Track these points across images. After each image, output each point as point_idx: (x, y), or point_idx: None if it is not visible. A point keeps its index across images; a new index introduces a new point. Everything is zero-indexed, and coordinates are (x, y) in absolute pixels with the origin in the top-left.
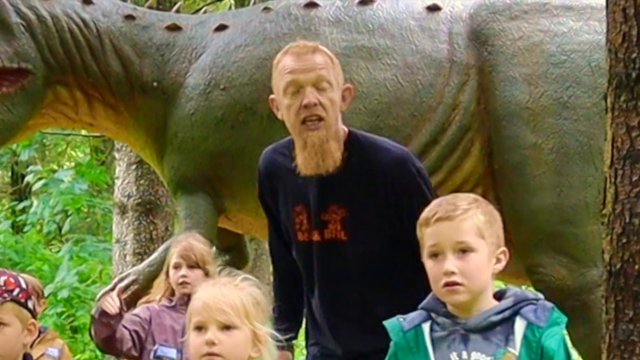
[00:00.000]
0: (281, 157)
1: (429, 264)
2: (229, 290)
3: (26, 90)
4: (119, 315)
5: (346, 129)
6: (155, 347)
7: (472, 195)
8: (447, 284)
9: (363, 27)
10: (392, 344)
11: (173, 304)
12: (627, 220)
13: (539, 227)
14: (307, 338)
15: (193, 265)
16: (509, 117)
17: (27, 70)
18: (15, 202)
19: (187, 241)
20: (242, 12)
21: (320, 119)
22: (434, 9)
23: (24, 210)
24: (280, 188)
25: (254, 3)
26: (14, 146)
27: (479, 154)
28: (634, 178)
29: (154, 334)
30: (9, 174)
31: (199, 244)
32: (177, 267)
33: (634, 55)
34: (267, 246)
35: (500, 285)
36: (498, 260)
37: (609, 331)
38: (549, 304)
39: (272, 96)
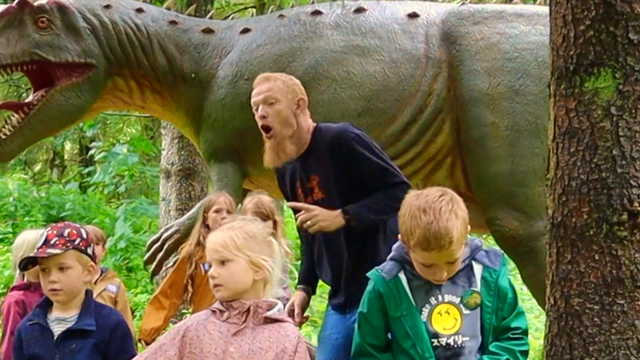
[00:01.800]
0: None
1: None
2: (221, 232)
3: (91, 80)
4: None
5: (312, 125)
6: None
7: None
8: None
9: (357, 30)
10: (371, 288)
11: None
12: (566, 183)
13: (496, 189)
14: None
15: (266, 217)
16: (473, 101)
17: (92, 65)
18: (82, 168)
19: (257, 197)
20: (262, 18)
21: (269, 129)
22: (413, 15)
23: (89, 175)
24: (285, 169)
25: (271, 11)
26: (81, 124)
27: (449, 131)
28: (572, 149)
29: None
30: (77, 146)
31: (267, 199)
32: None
33: (572, 52)
34: (282, 203)
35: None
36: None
37: (552, 271)
38: (499, 250)
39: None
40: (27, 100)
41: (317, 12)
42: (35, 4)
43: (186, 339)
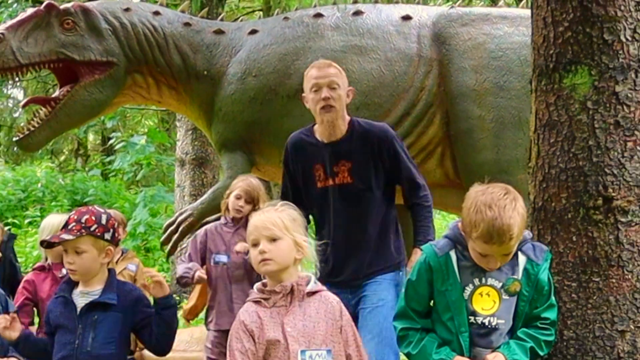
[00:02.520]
0: (304, 136)
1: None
2: (270, 213)
3: (112, 77)
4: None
5: (348, 117)
6: (212, 255)
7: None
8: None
9: (355, 31)
10: (423, 260)
11: (226, 222)
12: (547, 170)
13: (482, 176)
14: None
15: (249, 201)
16: (461, 96)
17: (113, 63)
18: (104, 157)
19: (246, 180)
20: (268, 20)
21: (331, 106)
22: (406, 18)
23: (110, 163)
24: (301, 155)
25: (277, 14)
26: (102, 117)
27: (439, 123)
28: (551, 140)
29: (211, 246)
30: (99, 137)
31: (256, 181)
32: (239, 197)
33: (551, 51)
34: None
35: (454, 218)
36: None
37: None
38: (544, 246)
39: (303, 94)
40: (53, 96)
41: (318, 15)
42: (61, 7)
43: (251, 329)
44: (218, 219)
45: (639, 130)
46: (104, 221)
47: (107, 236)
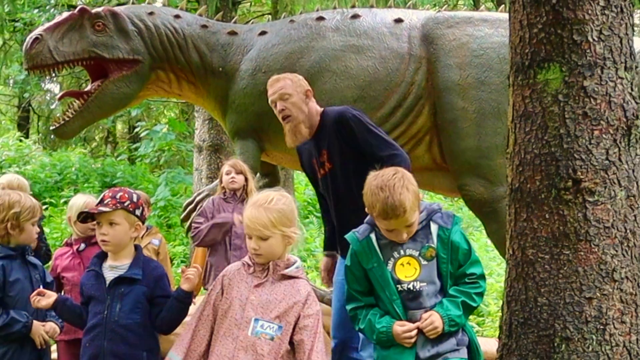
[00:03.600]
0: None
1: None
2: (259, 213)
3: (138, 73)
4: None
5: (320, 109)
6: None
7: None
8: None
9: (353, 32)
10: (350, 248)
11: (225, 197)
12: (522, 156)
13: (466, 161)
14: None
15: (239, 172)
16: (447, 90)
17: (139, 60)
18: (130, 144)
19: (233, 159)
20: (276, 23)
21: (288, 116)
22: (398, 20)
23: (135, 149)
24: (304, 155)
25: (284, 17)
26: (129, 108)
27: (428, 114)
28: (527, 129)
29: (215, 213)
30: (126, 126)
31: (240, 161)
32: (228, 173)
33: (527, 50)
34: (291, 172)
35: (441, 198)
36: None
37: (511, 227)
38: (451, 212)
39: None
40: (86, 89)
41: (320, 18)
42: (93, 11)
43: (224, 283)
44: None
45: (605, 120)
46: (135, 199)
47: (137, 212)
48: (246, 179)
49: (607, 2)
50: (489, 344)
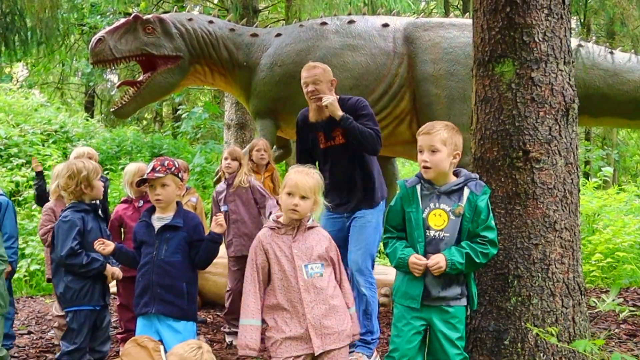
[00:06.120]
0: (308, 113)
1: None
2: (307, 177)
3: (180, 67)
4: None
5: (337, 96)
6: (221, 206)
7: (444, 122)
8: (424, 167)
9: (350, 34)
10: (397, 194)
11: (226, 184)
12: (483, 132)
13: None
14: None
15: (234, 158)
16: (424, 80)
17: (180, 57)
18: (173, 122)
19: (232, 147)
20: (289, 26)
21: (318, 98)
22: (385, 25)
23: (178, 127)
24: (307, 126)
25: (295, 22)
26: (172, 94)
27: (408, 99)
28: (487, 111)
29: (218, 200)
30: (171, 108)
31: (238, 148)
32: (226, 158)
33: (487, 49)
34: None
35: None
36: (454, 157)
37: None
38: (483, 183)
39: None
40: (139, 79)
41: (324, 23)
42: (144, 17)
43: (265, 249)
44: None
45: (548, 103)
46: (177, 165)
47: (180, 175)
48: (240, 165)
49: (550, 10)
50: None
